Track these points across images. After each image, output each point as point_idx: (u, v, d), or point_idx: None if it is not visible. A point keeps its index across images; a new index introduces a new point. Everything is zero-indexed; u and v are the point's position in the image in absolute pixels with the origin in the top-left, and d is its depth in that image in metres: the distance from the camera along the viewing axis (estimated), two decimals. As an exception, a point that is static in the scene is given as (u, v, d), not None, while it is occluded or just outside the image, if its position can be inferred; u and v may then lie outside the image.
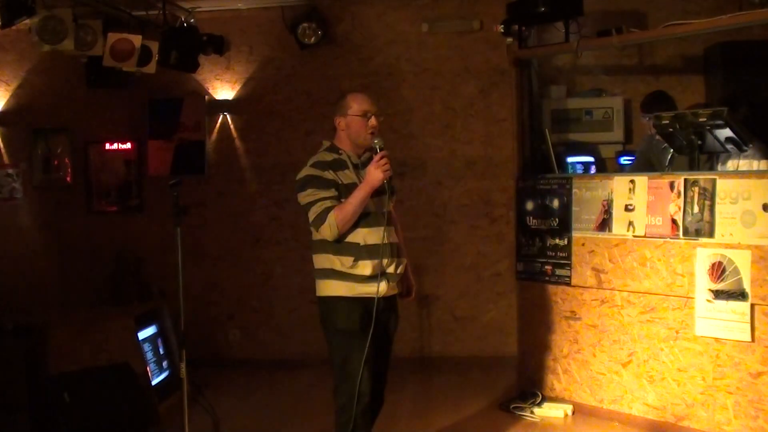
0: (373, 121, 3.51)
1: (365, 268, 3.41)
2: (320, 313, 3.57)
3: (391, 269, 3.49)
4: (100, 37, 5.14)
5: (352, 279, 3.42)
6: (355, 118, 3.50)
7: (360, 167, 3.51)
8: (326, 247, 3.46)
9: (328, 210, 3.36)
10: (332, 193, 3.40)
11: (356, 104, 3.52)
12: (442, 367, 6.20)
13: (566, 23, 5.02)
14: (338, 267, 3.44)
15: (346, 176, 3.46)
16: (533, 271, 5.09)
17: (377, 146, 3.43)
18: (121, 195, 6.68)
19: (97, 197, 6.70)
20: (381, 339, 3.54)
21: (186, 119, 6.55)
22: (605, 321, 4.72)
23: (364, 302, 3.43)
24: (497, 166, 6.24)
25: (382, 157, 3.38)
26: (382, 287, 3.43)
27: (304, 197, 3.44)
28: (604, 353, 4.73)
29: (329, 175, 3.42)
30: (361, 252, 3.41)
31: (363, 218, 3.41)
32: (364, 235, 3.42)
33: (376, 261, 3.41)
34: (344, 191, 3.42)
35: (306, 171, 3.47)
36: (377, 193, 3.43)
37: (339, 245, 3.43)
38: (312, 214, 3.40)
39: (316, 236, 3.51)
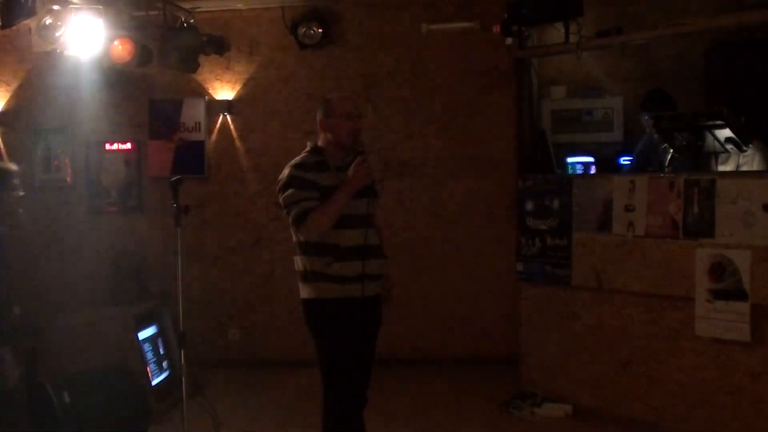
0: (354, 123, 3.51)
1: (345, 269, 3.41)
2: (304, 315, 3.56)
3: (371, 270, 3.48)
4: (100, 37, 5.14)
5: (332, 280, 3.42)
6: (338, 120, 3.50)
7: (342, 170, 3.50)
8: (307, 248, 3.47)
9: (308, 211, 3.36)
10: (313, 194, 3.40)
11: (338, 107, 3.52)
12: (442, 367, 6.20)
13: (566, 23, 5.02)
14: (319, 269, 3.43)
15: (328, 178, 3.46)
16: (533, 271, 5.09)
17: (358, 149, 3.44)
18: (121, 195, 6.68)
19: (97, 197, 6.69)
20: (364, 339, 3.53)
21: (186, 119, 6.56)
22: (605, 321, 4.72)
23: (345, 303, 3.42)
24: (497, 166, 6.24)
25: (363, 161, 3.39)
26: (365, 288, 3.43)
27: (285, 198, 3.44)
28: (604, 353, 4.73)
29: (311, 176, 3.42)
30: (341, 253, 3.41)
31: (343, 220, 3.41)
32: (344, 237, 3.42)
33: (356, 262, 3.41)
34: (325, 193, 3.41)
35: (288, 172, 3.47)
36: (358, 195, 3.43)
37: (319, 247, 3.42)
38: (292, 215, 3.41)
39: (296, 238, 3.51)
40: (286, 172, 3.49)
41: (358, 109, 3.58)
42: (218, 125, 6.57)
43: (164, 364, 5.40)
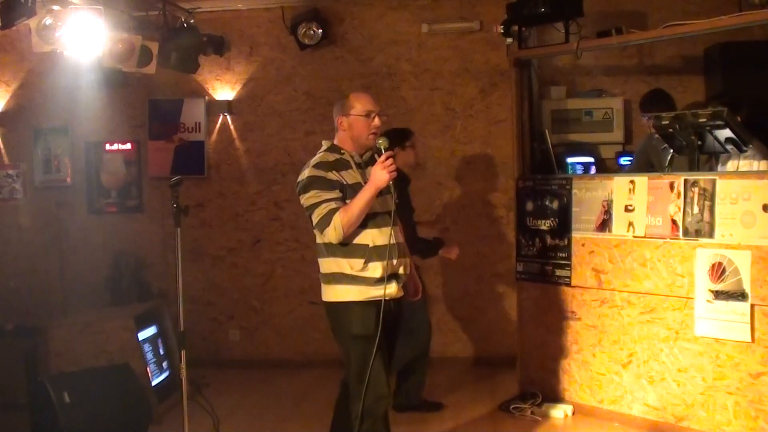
0: (376, 121, 3.45)
1: (376, 269, 3.34)
2: (331, 319, 3.48)
3: (400, 270, 3.44)
4: (100, 38, 5.13)
5: (363, 282, 3.35)
6: (358, 118, 3.45)
7: (362, 167, 3.46)
8: (334, 250, 3.38)
9: (332, 212, 3.28)
10: (336, 194, 3.32)
11: (359, 104, 3.47)
12: (442, 367, 6.19)
13: (566, 24, 5.01)
14: (348, 270, 3.35)
15: (350, 176, 3.39)
16: (533, 272, 5.09)
17: (381, 146, 3.37)
18: (121, 195, 6.68)
19: (97, 197, 6.69)
20: (388, 337, 3.47)
21: (186, 119, 6.56)
22: (605, 321, 4.72)
23: (376, 305, 3.34)
24: (497, 166, 6.24)
25: (387, 158, 3.30)
26: (393, 288, 3.38)
27: (308, 199, 3.35)
28: (604, 353, 4.73)
29: (333, 175, 3.35)
30: (371, 253, 3.33)
31: (370, 219, 3.34)
32: (372, 237, 3.35)
33: (385, 262, 3.33)
34: (349, 191, 3.35)
35: (309, 172, 3.38)
36: (381, 193, 3.35)
37: (348, 248, 3.34)
38: (316, 217, 3.32)
39: (321, 239, 3.42)
40: (305, 172, 3.40)
41: (377, 106, 3.51)
42: (218, 125, 6.57)
43: (164, 364, 5.40)
